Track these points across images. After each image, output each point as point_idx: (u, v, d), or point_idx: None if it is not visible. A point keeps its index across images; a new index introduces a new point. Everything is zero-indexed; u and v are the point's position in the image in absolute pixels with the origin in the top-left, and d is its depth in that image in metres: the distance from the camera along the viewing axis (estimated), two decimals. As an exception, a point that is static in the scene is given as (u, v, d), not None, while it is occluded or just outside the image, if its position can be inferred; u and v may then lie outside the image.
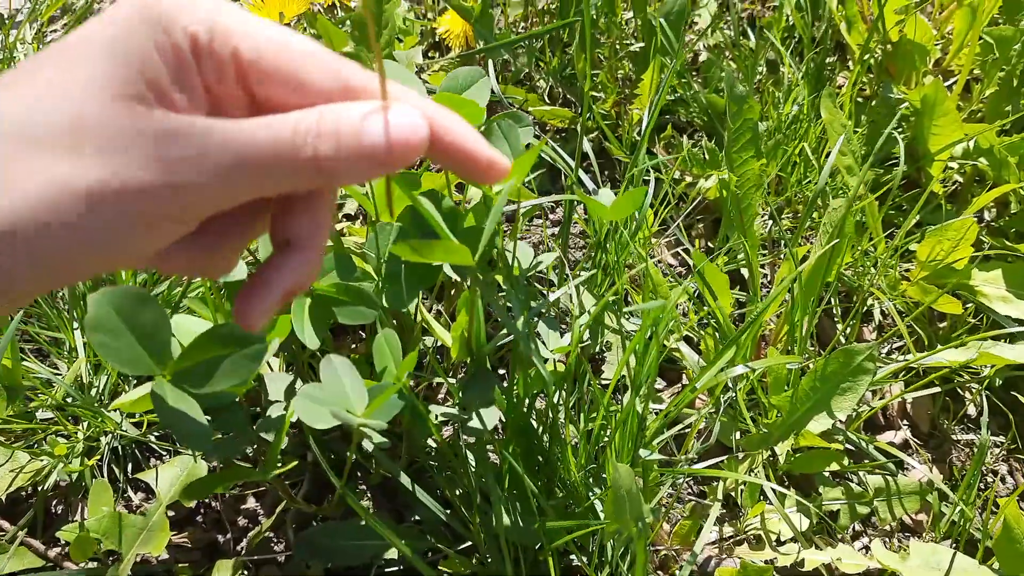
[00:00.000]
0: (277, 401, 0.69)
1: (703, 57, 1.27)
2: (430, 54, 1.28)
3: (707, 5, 1.28)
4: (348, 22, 1.11)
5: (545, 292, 0.75)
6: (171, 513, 0.82)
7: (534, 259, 0.81)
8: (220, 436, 0.66)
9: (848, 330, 0.99)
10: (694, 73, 1.23)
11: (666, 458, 0.88)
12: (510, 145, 0.66)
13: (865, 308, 1.02)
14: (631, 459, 0.70)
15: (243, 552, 0.80)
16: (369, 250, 0.71)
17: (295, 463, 0.76)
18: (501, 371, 0.95)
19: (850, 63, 1.22)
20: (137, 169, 0.30)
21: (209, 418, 0.63)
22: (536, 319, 0.79)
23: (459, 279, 0.74)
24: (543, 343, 0.75)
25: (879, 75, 1.14)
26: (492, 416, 0.70)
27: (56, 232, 0.29)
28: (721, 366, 0.75)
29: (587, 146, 1.06)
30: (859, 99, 1.17)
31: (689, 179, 1.06)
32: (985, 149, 1.01)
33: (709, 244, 1.07)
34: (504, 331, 0.71)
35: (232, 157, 0.31)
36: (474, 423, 0.69)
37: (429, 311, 0.87)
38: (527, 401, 0.72)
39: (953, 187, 1.12)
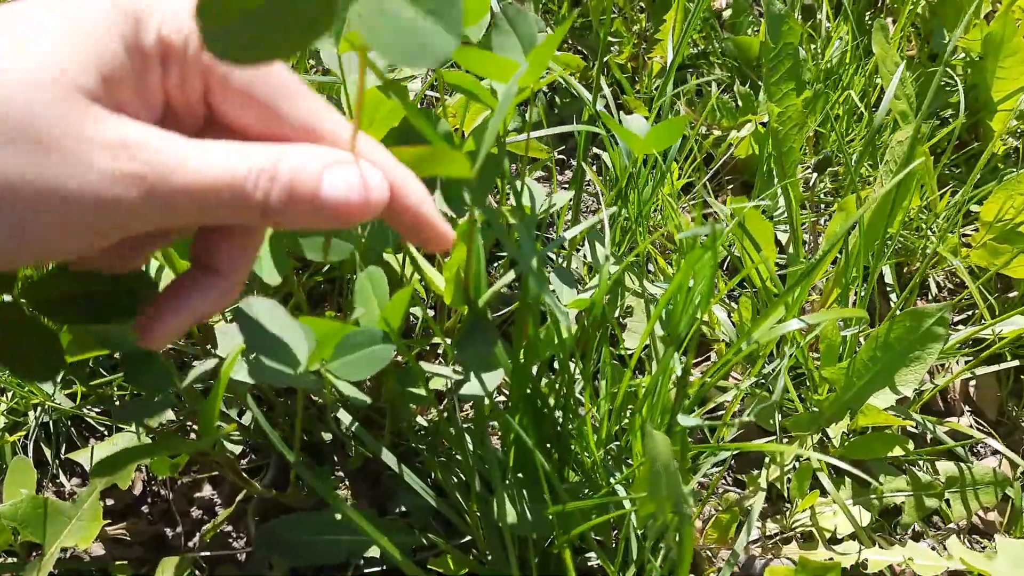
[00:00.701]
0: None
1: (728, 13, 1.15)
2: None
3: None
4: None
5: (559, 238, 0.62)
6: (109, 501, 0.69)
7: (546, 200, 0.69)
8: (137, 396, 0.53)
9: (902, 303, 0.86)
10: (718, 28, 1.11)
11: (696, 441, 0.75)
12: (519, 37, 0.54)
13: (920, 279, 0.89)
14: (666, 428, 0.57)
15: (195, 548, 0.67)
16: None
17: (234, 427, 0.63)
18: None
19: (889, 21, 1.11)
20: (72, 175, 0.26)
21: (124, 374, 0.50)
22: (548, 269, 0.66)
23: (456, 215, 0.61)
24: (556, 298, 0.62)
25: (928, 25, 1.02)
26: (493, 378, 0.56)
27: None
28: (769, 323, 0.62)
29: (607, 95, 0.94)
30: (904, 55, 1.05)
31: (717, 133, 0.93)
32: (1054, 99, 0.89)
33: (745, 199, 0.94)
34: (508, 275, 0.59)
35: (180, 184, 0.28)
36: (472, 387, 0.56)
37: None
38: (536, 366, 0.59)
39: (1010, 148, 0.99)
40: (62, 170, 0.26)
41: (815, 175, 0.87)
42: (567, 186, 0.97)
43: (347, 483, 0.71)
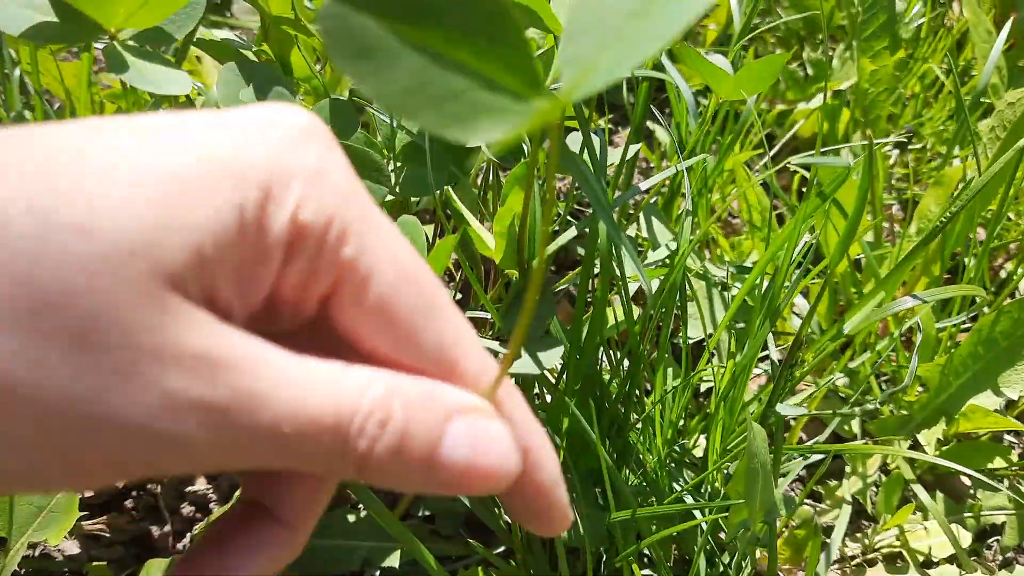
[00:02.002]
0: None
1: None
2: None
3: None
4: None
5: (635, 187, 0.53)
6: (89, 493, 0.60)
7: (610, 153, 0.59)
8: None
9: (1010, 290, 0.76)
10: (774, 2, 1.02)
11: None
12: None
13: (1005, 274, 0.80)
14: (760, 418, 0.48)
15: (185, 550, 0.58)
16: (379, 109, 0.50)
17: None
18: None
19: (955, 4, 1.02)
20: (127, 399, 0.18)
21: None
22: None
23: (503, 165, 0.52)
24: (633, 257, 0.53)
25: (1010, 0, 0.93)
26: (551, 356, 0.47)
27: None
28: (873, 305, 0.53)
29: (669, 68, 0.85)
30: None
31: (781, 107, 0.84)
32: None
33: (802, 191, 0.85)
34: (568, 232, 0.49)
35: (269, 421, 0.20)
36: (524, 364, 0.46)
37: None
38: (599, 340, 0.50)
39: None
40: (115, 391, 0.19)
41: (896, 152, 0.78)
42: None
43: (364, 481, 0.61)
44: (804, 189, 0.68)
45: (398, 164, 0.50)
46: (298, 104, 0.22)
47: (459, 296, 0.68)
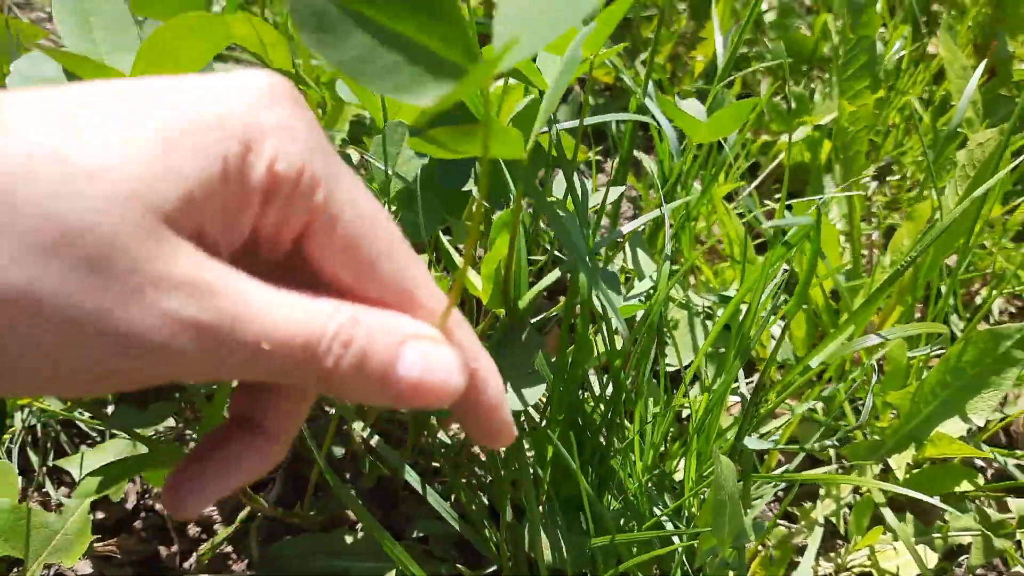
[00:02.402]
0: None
1: (770, 17, 1.09)
2: None
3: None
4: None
5: (615, 231, 0.56)
6: (100, 515, 0.63)
7: (593, 194, 0.63)
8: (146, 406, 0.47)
9: (962, 325, 0.79)
10: (761, 31, 1.05)
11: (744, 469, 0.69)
12: None
13: (988, 300, 0.83)
14: (729, 451, 0.51)
15: (191, 569, 0.61)
16: (375, 158, 0.53)
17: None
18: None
19: (937, 33, 1.05)
20: (131, 316, 0.22)
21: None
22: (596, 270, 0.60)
23: (493, 207, 0.55)
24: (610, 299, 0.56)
25: (989, 32, 0.96)
26: (534, 392, 0.50)
27: None
28: (841, 340, 0.56)
29: (652, 94, 0.88)
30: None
31: (765, 138, 0.87)
32: None
33: (811, 200, 0.88)
34: (552, 275, 0.52)
35: (251, 338, 0.24)
36: (510, 399, 0.50)
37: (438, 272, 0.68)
38: (581, 374, 0.53)
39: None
40: (122, 306, 0.22)
41: (874, 184, 0.81)
42: (604, 188, 0.91)
43: (361, 503, 0.64)
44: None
45: (393, 208, 0.54)
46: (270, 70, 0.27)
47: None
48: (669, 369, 0.71)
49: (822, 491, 0.67)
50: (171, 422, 0.65)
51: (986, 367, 0.64)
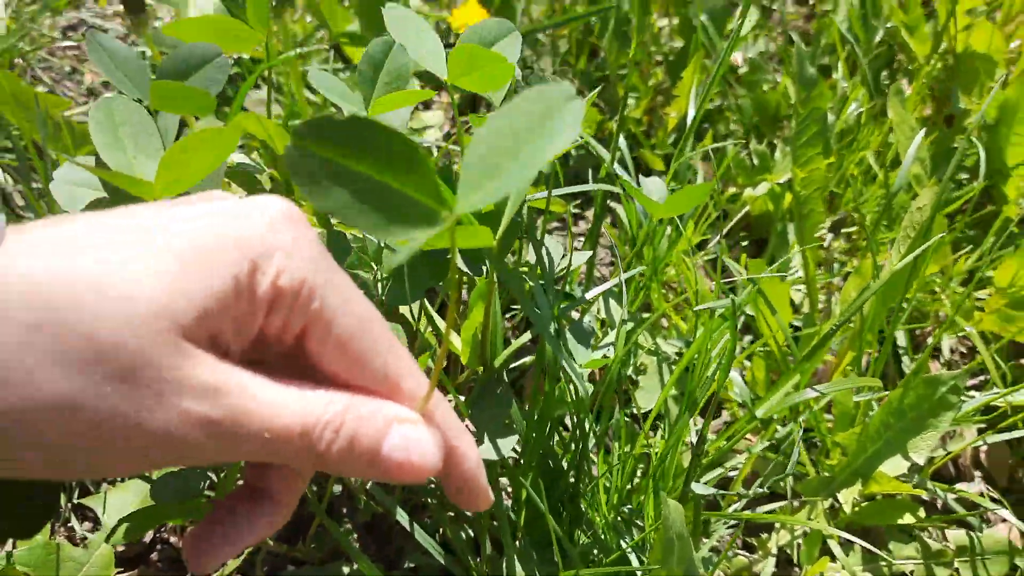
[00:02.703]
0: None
1: (743, 69, 1.16)
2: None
3: (749, 15, 1.18)
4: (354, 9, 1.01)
5: (580, 297, 0.63)
6: (120, 548, 0.69)
7: (563, 259, 0.69)
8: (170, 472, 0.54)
9: (914, 365, 0.86)
10: (734, 84, 1.12)
11: (707, 503, 0.75)
12: (543, 106, 0.55)
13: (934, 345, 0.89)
14: (680, 495, 0.57)
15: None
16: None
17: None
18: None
19: (904, 82, 1.12)
20: (155, 415, 0.27)
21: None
22: (564, 329, 0.67)
23: (473, 275, 0.62)
24: (571, 357, 0.62)
25: (944, 86, 1.02)
26: (508, 443, 0.57)
27: (39, 447, 0.27)
28: (787, 390, 0.62)
29: (624, 151, 0.95)
30: (919, 116, 1.06)
31: (732, 191, 0.94)
32: (1068, 166, 0.89)
33: (762, 260, 0.94)
34: (524, 337, 0.59)
35: (254, 430, 0.29)
36: (485, 450, 0.56)
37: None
38: (550, 424, 0.59)
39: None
40: (149, 409, 0.27)
41: (830, 235, 0.87)
42: (583, 237, 0.98)
43: (355, 537, 0.71)
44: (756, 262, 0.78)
45: (385, 276, 0.60)
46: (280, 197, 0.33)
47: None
48: (641, 411, 0.77)
49: (777, 524, 0.73)
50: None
51: (924, 410, 0.70)
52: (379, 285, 0.60)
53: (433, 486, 0.69)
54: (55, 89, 1.04)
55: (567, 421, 0.75)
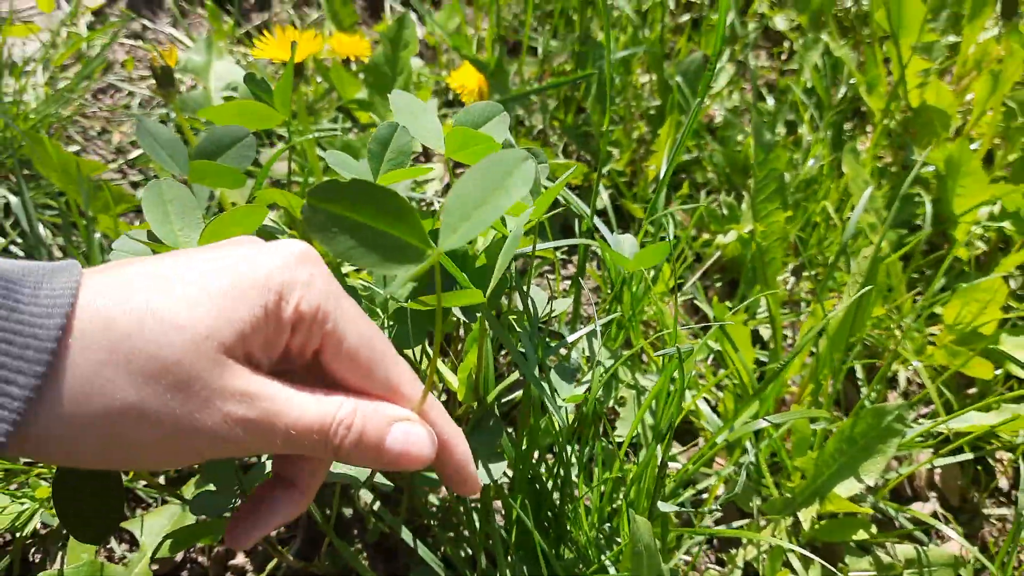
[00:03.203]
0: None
1: (719, 120, 1.26)
2: (443, 112, 1.28)
3: (723, 69, 1.28)
4: (362, 73, 1.10)
5: (563, 340, 0.71)
6: (155, 567, 0.77)
7: (547, 305, 0.78)
8: (207, 490, 0.62)
9: (873, 394, 0.94)
10: (710, 135, 1.21)
11: (682, 521, 0.83)
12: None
13: (891, 374, 0.98)
14: (648, 513, 0.65)
15: None
16: (376, 285, 0.68)
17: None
18: (510, 430, 0.91)
19: (869, 129, 1.21)
20: (204, 416, 0.35)
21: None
22: (549, 367, 0.75)
23: (468, 321, 0.71)
24: (555, 392, 0.71)
25: (900, 139, 1.12)
26: (499, 468, 0.65)
27: (111, 441, 0.35)
28: (743, 420, 0.71)
29: (605, 202, 1.04)
30: (879, 165, 1.15)
31: (706, 236, 1.03)
32: (1011, 212, 0.98)
33: (727, 305, 1.03)
34: (514, 375, 0.68)
35: (282, 427, 0.37)
36: (479, 474, 0.65)
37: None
38: (536, 453, 0.68)
39: (979, 252, 1.09)
40: (199, 411, 0.35)
41: (793, 279, 0.96)
42: (570, 280, 1.07)
43: (365, 555, 0.79)
44: (732, 301, 0.87)
45: (390, 322, 0.69)
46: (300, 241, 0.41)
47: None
48: (621, 438, 0.86)
49: (745, 540, 0.81)
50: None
51: (873, 437, 0.78)
52: (386, 331, 0.69)
53: (435, 509, 0.78)
54: (87, 148, 1.13)
55: (556, 449, 0.83)
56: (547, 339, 0.70)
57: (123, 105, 1.21)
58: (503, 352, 0.96)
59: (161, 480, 0.81)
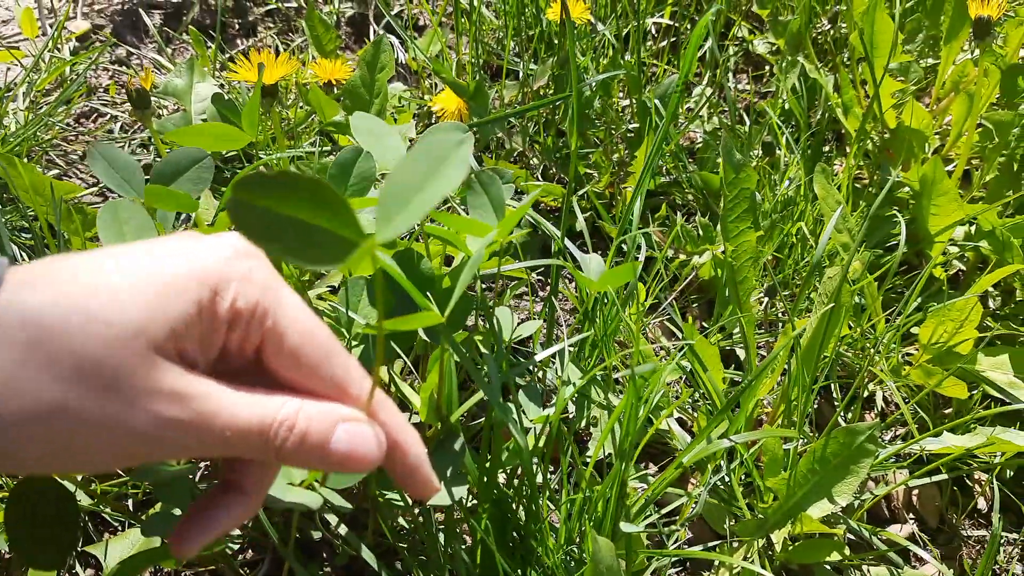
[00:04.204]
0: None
1: (700, 143, 1.26)
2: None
3: (703, 92, 1.28)
4: (342, 96, 1.11)
5: (529, 360, 0.71)
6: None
7: (516, 326, 0.78)
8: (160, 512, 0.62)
9: (849, 415, 0.94)
10: (690, 158, 1.22)
11: (654, 542, 0.82)
12: (489, 199, 0.64)
13: (867, 393, 0.98)
14: (611, 534, 0.65)
15: None
16: (340, 305, 0.68)
17: (241, 538, 0.71)
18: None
19: (848, 150, 1.21)
20: (133, 417, 0.33)
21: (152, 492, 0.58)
22: (517, 389, 0.75)
23: (433, 341, 0.70)
24: (523, 413, 0.71)
25: (877, 159, 1.12)
26: (461, 489, 0.65)
27: (38, 444, 0.33)
28: (705, 439, 0.70)
29: (581, 224, 1.04)
30: (856, 185, 1.15)
31: (683, 257, 1.03)
32: (987, 232, 0.98)
33: (703, 325, 1.03)
34: (479, 395, 0.67)
35: (217, 429, 0.35)
36: (442, 496, 0.64)
37: (405, 381, 0.83)
38: (501, 473, 0.67)
39: (955, 272, 1.09)
40: (127, 412, 0.33)
41: (766, 299, 0.96)
42: (544, 299, 1.07)
43: (333, 578, 0.78)
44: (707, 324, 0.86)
45: (355, 343, 0.69)
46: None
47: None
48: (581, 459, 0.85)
49: (716, 563, 0.80)
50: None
51: (845, 458, 0.78)
52: (352, 352, 0.68)
53: (403, 531, 0.77)
54: (68, 172, 1.14)
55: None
56: (513, 359, 0.70)
57: (106, 129, 1.21)
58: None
59: (129, 504, 0.80)
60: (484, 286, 1.02)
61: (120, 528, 0.80)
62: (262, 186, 0.32)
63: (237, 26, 1.48)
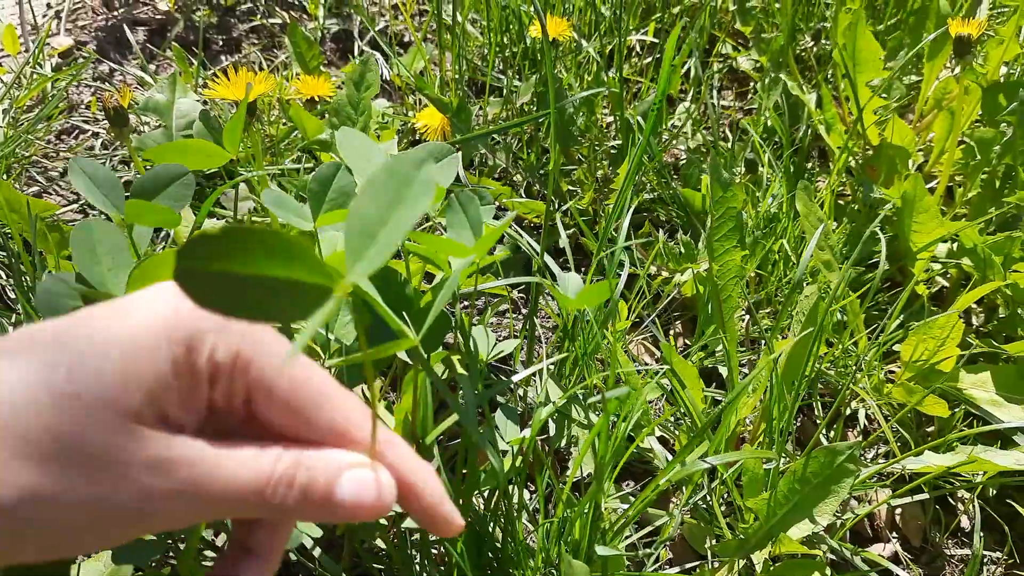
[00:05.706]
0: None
1: (684, 160, 1.26)
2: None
3: (687, 109, 1.29)
4: (326, 113, 1.11)
5: (506, 380, 0.71)
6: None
7: (494, 345, 0.77)
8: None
9: (831, 433, 0.94)
10: (674, 175, 1.22)
11: (635, 563, 0.82)
12: (468, 218, 0.63)
13: (849, 411, 0.97)
14: (586, 556, 0.64)
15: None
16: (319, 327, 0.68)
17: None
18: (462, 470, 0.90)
19: (831, 165, 1.21)
20: (115, 493, 0.31)
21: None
22: (493, 409, 0.75)
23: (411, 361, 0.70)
24: (500, 434, 0.70)
25: (860, 176, 1.12)
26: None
27: (31, 528, 0.30)
28: (689, 458, 0.70)
29: (564, 241, 1.04)
30: (839, 202, 1.15)
31: (665, 274, 1.03)
32: (969, 249, 0.98)
33: (686, 342, 1.03)
34: (453, 418, 0.67)
35: (209, 494, 0.32)
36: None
37: (382, 400, 0.83)
38: (484, 495, 0.67)
39: (938, 289, 1.09)
40: (108, 489, 0.31)
41: (748, 316, 0.96)
42: (525, 318, 1.06)
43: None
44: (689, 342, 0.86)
45: (336, 366, 0.68)
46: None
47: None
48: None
49: (698, 582, 0.80)
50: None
51: (826, 477, 0.77)
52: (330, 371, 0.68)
53: (381, 553, 0.76)
54: (49, 189, 1.13)
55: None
56: (491, 378, 0.69)
57: (87, 146, 1.21)
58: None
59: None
60: (465, 304, 1.02)
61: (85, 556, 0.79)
62: (209, 248, 0.28)
63: (221, 43, 1.48)
